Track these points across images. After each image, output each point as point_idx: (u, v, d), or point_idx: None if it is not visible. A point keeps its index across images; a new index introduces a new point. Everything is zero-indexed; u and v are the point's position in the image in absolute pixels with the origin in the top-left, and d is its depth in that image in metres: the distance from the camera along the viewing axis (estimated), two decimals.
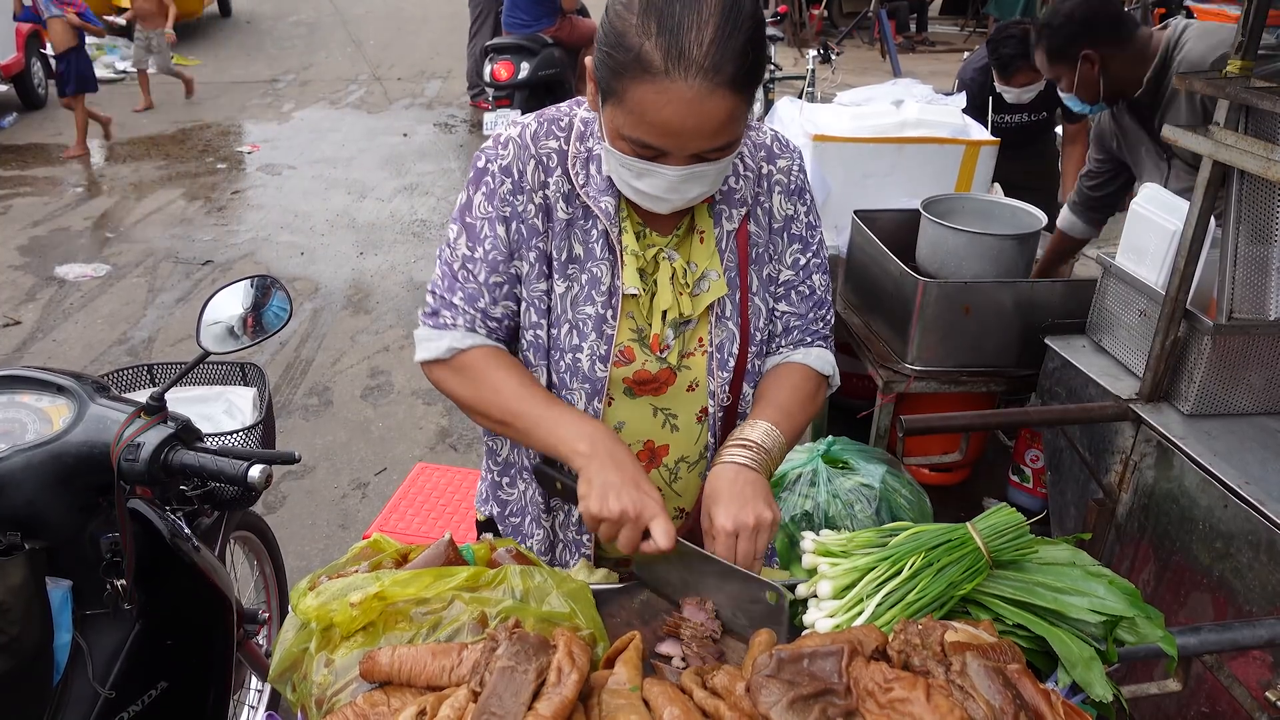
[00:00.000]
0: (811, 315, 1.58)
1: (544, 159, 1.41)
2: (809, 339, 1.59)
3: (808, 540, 1.39)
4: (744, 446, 1.41)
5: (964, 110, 3.85)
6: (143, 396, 1.57)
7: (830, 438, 2.85)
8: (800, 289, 1.56)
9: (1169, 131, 2.33)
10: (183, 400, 2.14)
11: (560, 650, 1.05)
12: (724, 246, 1.47)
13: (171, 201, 6.87)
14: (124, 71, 10.34)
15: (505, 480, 1.64)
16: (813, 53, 6.65)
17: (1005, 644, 1.14)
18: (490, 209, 1.41)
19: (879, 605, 1.25)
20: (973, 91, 4.23)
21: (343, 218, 6.71)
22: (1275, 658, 2.04)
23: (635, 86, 1.19)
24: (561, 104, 1.48)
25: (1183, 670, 1.51)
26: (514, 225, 1.41)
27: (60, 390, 1.58)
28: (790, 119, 3.87)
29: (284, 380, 4.64)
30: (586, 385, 1.45)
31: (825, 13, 12.95)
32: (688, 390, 1.50)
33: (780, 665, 1.05)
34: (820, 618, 1.26)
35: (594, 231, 1.42)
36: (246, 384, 2.31)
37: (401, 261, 6.04)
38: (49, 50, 9.32)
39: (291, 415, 4.35)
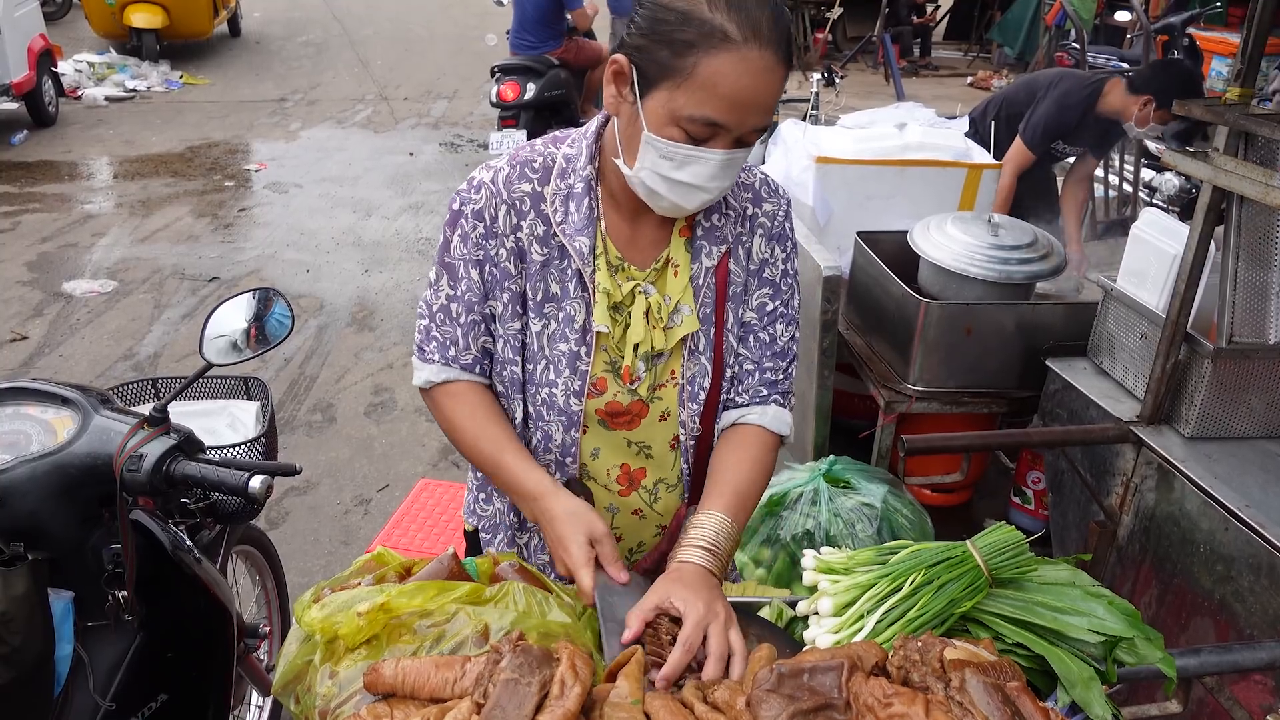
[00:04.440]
0: (770, 366, 1.54)
1: (516, 203, 1.42)
2: (766, 392, 1.55)
3: (809, 557, 1.39)
4: (705, 550, 1.36)
5: (1042, 142, 3.86)
6: (147, 410, 1.58)
7: (832, 457, 2.86)
8: (760, 335, 1.54)
9: (1168, 157, 2.34)
10: (186, 414, 2.15)
11: (563, 663, 1.06)
12: (700, 282, 1.47)
13: (179, 219, 6.91)
14: (133, 90, 10.43)
15: (482, 496, 1.68)
16: (817, 76, 6.69)
17: (1005, 662, 1.14)
18: (465, 251, 1.44)
19: (879, 622, 1.25)
20: (1063, 116, 4.13)
21: (348, 236, 6.74)
22: (1277, 681, 2.03)
23: (711, 59, 1.21)
24: (537, 142, 1.48)
25: (1183, 692, 1.51)
26: (487, 267, 1.44)
27: (65, 402, 1.59)
28: (794, 141, 3.89)
29: (288, 396, 4.65)
30: (563, 418, 1.48)
31: (830, 37, 13.04)
32: (660, 420, 1.52)
33: (781, 680, 1.05)
34: (821, 634, 1.26)
35: (569, 271, 1.43)
36: (250, 398, 2.32)
37: (406, 279, 6.06)
38: (60, 68, 9.42)
39: (295, 431, 4.36)
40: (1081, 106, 4.01)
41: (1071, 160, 4.40)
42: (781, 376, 1.56)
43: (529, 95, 6.93)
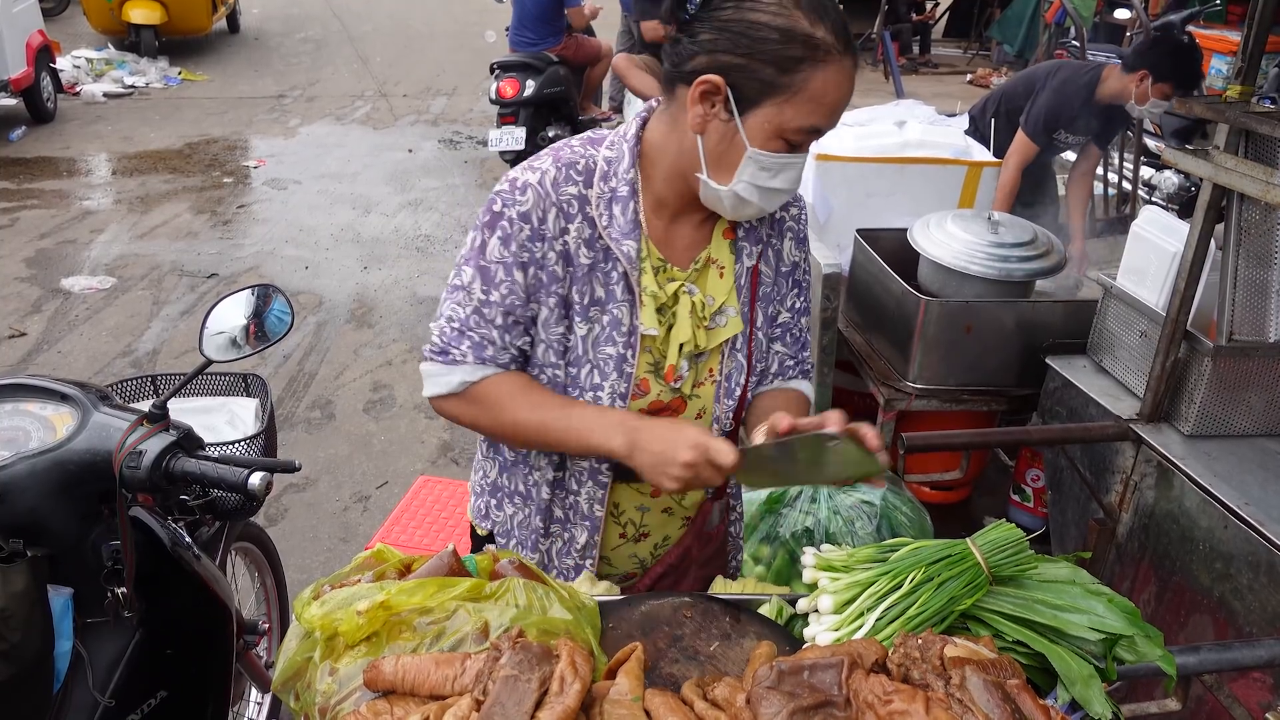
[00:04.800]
0: (800, 356, 1.67)
1: (564, 206, 1.41)
2: (796, 374, 1.67)
3: (809, 555, 1.40)
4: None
5: (1043, 133, 3.88)
6: (146, 407, 1.58)
7: None
8: (793, 330, 1.65)
9: (1168, 154, 2.34)
10: (185, 410, 2.15)
11: (563, 659, 1.06)
12: (742, 283, 1.53)
13: (177, 215, 6.90)
14: (132, 86, 10.42)
15: (494, 502, 1.66)
16: None
17: (1005, 660, 1.14)
18: (507, 254, 1.40)
19: (879, 619, 1.25)
20: (1063, 105, 4.10)
21: (347, 232, 6.74)
22: (1276, 678, 2.04)
23: (818, 72, 1.27)
24: (573, 143, 1.46)
25: (1182, 690, 1.51)
26: (531, 270, 1.41)
27: (64, 399, 1.59)
28: None
29: (287, 393, 4.65)
30: None
31: None
32: (695, 417, 1.55)
33: (781, 677, 1.05)
34: (821, 631, 1.27)
35: (614, 274, 1.43)
36: (249, 395, 2.32)
37: (405, 276, 6.06)
38: (59, 64, 9.41)
39: (294, 428, 4.36)
40: (1081, 94, 4.01)
41: (1073, 153, 4.41)
42: (806, 362, 1.69)
43: (528, 92, 6.93)
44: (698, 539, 1.69)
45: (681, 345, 1.47)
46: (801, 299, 1.64)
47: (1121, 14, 9.52)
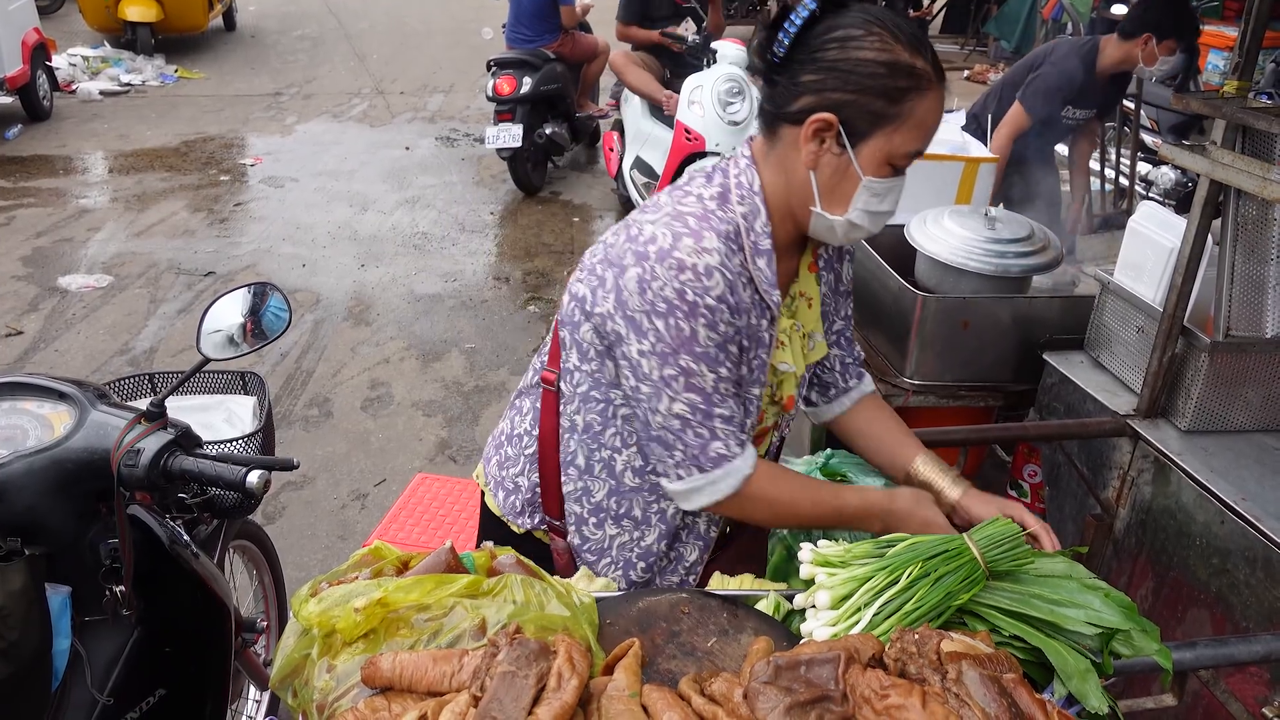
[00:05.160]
0: (855, 354, 1.83)
1: (739, 276, 1.45)
2: (855, 372, 1.84)
3: (806, 551, 1.40)
4: (953, 479, 1.68)
5: (1043, 111, 3.91)
6: (144, 405, 1.58)
7: (829, 450, 2.85)
8: (845, 334, 1.80)
9: (1165, 149, 2.35)
10: (183, 409, 2.15)
11: (560, 656, 1.06)
12: (825, 309, 1.69)
13: (174, 213, 6.90)
14: (128, 84, 10.40)
15: (593, 520, 1.66)
16: None
17: (1001, 654, 1.15)
18: (717, 335, 1.43)
19: (876, 615, 1.26)
20: (1062, 78, 4.09)
21: (344, 230, 6.73)
22: (1272, 673, 2.04)
23: (922, 101, 1.37)
24: (709, 205, 1.46)
25: (1178, 685, 1.51)
26: (733, 345, 1.47)
27: (61, 397, 1.59)
28: None
29: (284, 391, 4.65)
30: None
31: None
32: (770, 429, 1.69)
33: (777, 672, 1.05)
34: (818, 627, 1.27)
35: (764, 322, 1.52)
36: (247, 393, 2.32)
37: (402, 274, 6.05)
38: (55, 62, 9.39)
39: (292, 426, 4.36)
40: (1082, 67, 4.04)
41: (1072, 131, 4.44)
42: (858, 355, 1.85)
43: (525, 89, 6.92)
44: (753, 537, 1.84)
45: (797, 375, 1.62)
46: (851, 306, 1.80)
47: (1118, 9, 9.51)
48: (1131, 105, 5.33)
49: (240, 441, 2.01)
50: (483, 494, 1.80)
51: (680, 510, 1.62)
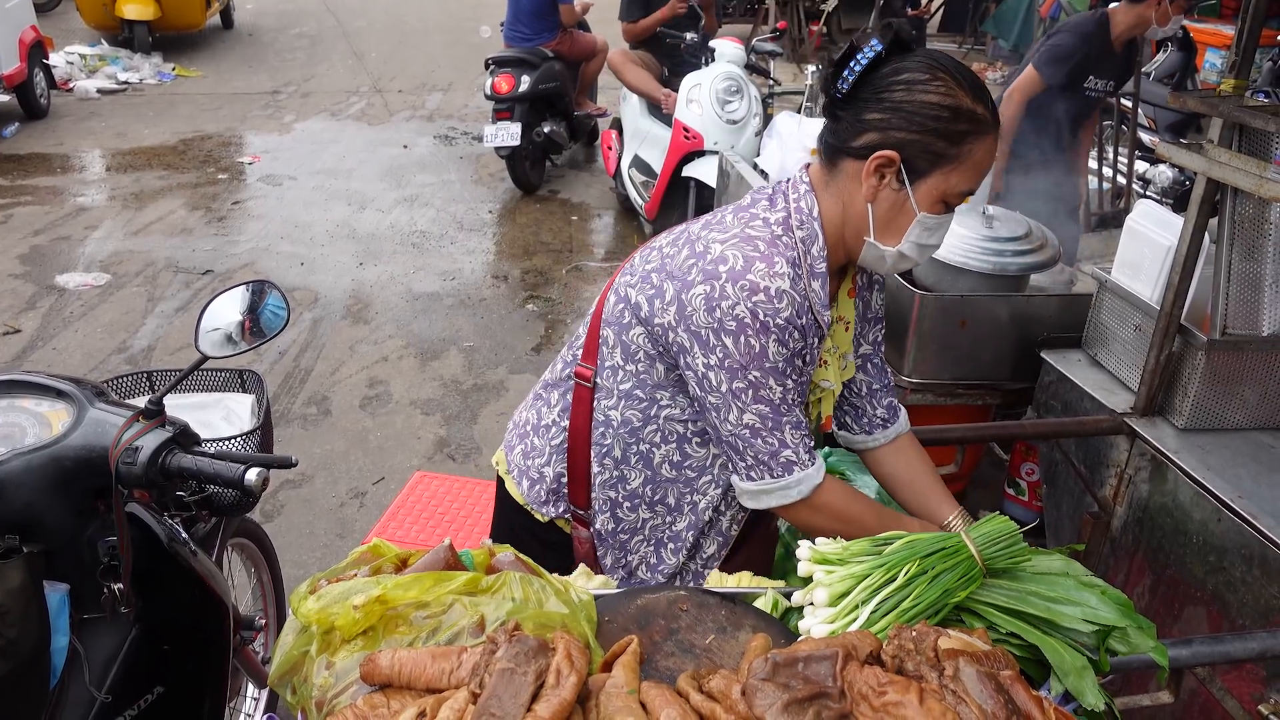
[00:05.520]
0: (884, 381, 1.84)
1: (804, 299, 1.51)
2: (894, 402, 1.86)
3: (804, 548, 1.40)
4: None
5: (1057, 76, 3.97)
6: (142, 403, 1.58)
7: (827, 449, 2.86)
8: (874, 359, 1.82)
9: (1163, 149, 2.35)
10: (181, 407, 2.14)
11: (559, 653, 1.06)
12: (857, 332, 1.74)
13: (172, 211, 6.89)
14: (126, 82, 10.38)
15: (627, 504, 1.72)
16: (812, 68, 6.70)
17: (999, 651, 1.15)
18: (786, 350, 1.49)
19: (874, 612, 1.26)
20: (1075, 43, 4.13)
21: (342, 228, 6.73)
22: (1268, 671, 2.05)
23: (980, 144, 1.45)
24: (775, 230, 1.52)
25: (1174, 682, 1.52)
26: (803, 356, 1.54)
27: (59, 395, 1.58)
28: (789, 133, 3.89)
29: (283, 389, 4.65)
30: None
31: (824, 29, 13.01)
32: None
33: (775, 669, 1.06)
34: (816, 624, 1.27)
35: (816, 340, 1.56)
36: (245, 391, 2.32)
37: (401, 272, 6.05)
38: (52, 60, 9.37)
39: (290, 424, 4.36)
40: (1097, 33, 4.06)
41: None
42: (888, 383, 1.87)
43: (524, 88, 6.92)
44: (762, 540, 1.91)
45: (835, 395, 1.70)
46: (882, 331, 1.83)
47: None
48: (1129, 104, 5.34)
49: (238, 439, 2.01)
50: (501, 481, 1.85)
51: (711, 508, 1.69)
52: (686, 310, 1.48)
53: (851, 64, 1.44)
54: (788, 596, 1.40)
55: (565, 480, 1.73)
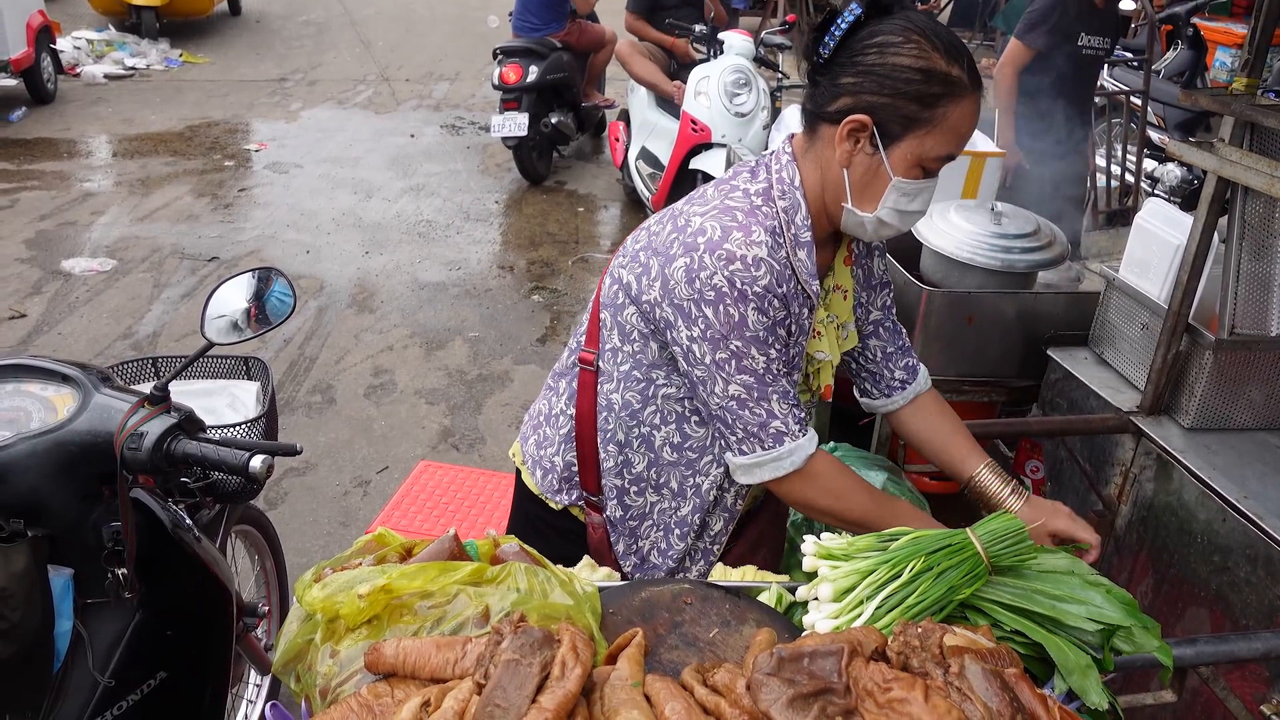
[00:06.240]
0: (902, 344, 1.85)
1: (784, 268, 1.51)
2: (913, 363, 1.86)
3: (809, 544, 1.40)
4: (1013, 488, 1.76)
5: (1040, 39, 4.00)
6: (147, 389, 1.58)
7: (832, 444, 2.86)
8: (886, 324, 1.82)
9: (1172, 147, 2.34)
10: (187, 394, 2.15)
11: (564, 644, 1.06)
12: (857, 301, 1.73)
13: (178, 198, 6.89)
14: (133, 68, 10.38)
15: (634, 489, 1.73)
16: None
17: (1003, 649, 1.15)
18: (766, 319, 1.49)
19: (878, 608, 1.26)
20: (1050, 6, 4.18)
21: (349, 217, 6.73)
22: (1271, 671, 2.04)
23: (955, 106, 1.41)
24: (755, 201, 1.52)
25: (1178, 681, 1.52)
26: (781, 330, 1.53)
27: (65, 379, 1.59)
28: (797, 127, 3.88)
29: (288, 377, 4.65)
30: None
31: None
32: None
33: (780, 664, 1.05)
34: (820, 619, 1.27)
35: (805, 310, 1.56)
36: (250, 378, 2.32)
37: (406, 261, 6.05)
38: (59, 45, 9.36)
39: (295, 412, 4.36)
40: None
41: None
42: (904, 344, 1.86)
43: (531, 78, 6.90)
44: (771, 519, 1.89)
45: (832, 364, 1.68)
46: (890, 295, 1.83)
47: (1126, 5, 9.49)
48: (1139, 101, 5.32)
49: (243, 426, 2.01)
50: (519, 473, 1.87)
51: (714, 488, 1.69)
52: (670, 284, 1.49)
53: (832, 29, 1.44)
54: (792, 591, 1.40)
55: (576, 468, 1.75)
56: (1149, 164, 5.90)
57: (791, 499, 1.61)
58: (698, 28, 6.46)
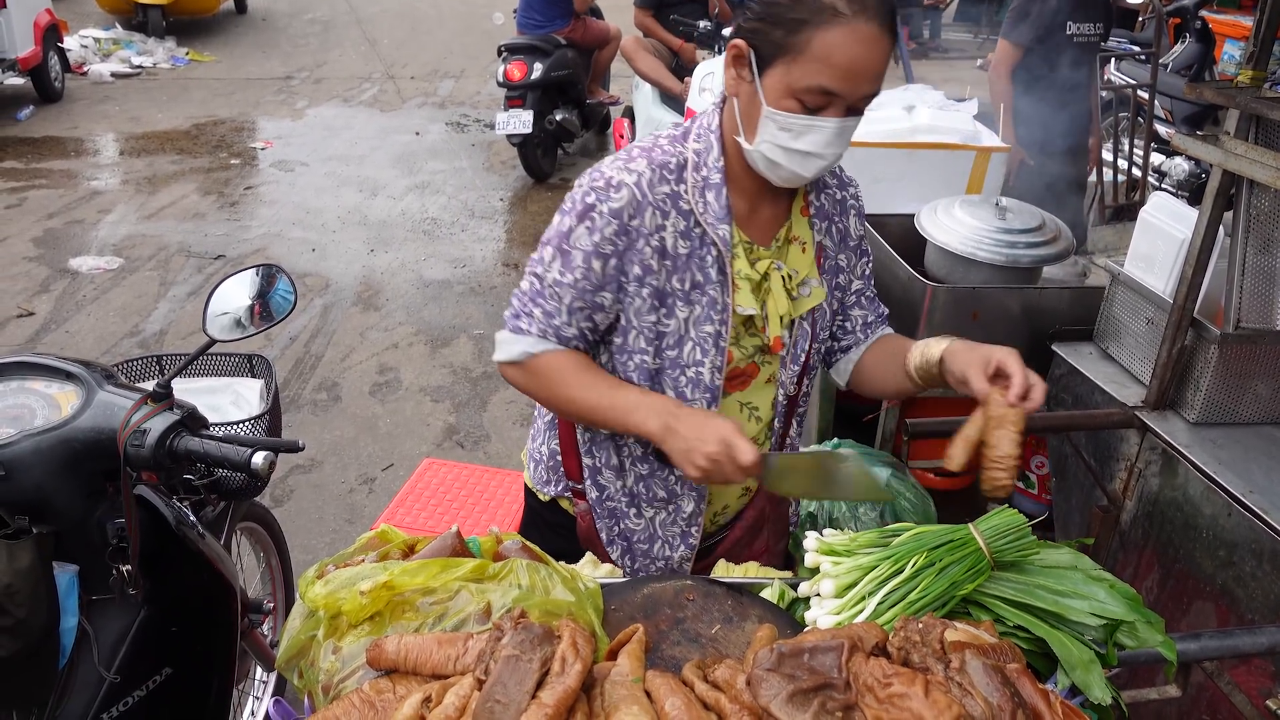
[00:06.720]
0: (879, 312, 1.84)
1: (660, 204, 1.49)
2: (879, 327, 1.83)
3: (811, 539, 1.40)
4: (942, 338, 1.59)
5: (1025, 34, 3.98)
6: (151, 386, 1.58)
7: (836, 440, 2.86)
8: (867, 294, 1.80)
9: (1178, 141, 2.33)
10: (190, 391, 2.15)
11: (565, 640, 1.06)
12: (831, 263, 1.67)
13: (185, 196, 6.91)
14: (139, 66, 10.40)
15: (606, 469, 1.71)
16: None
17: (1005, 644, 1.15)
18: (590, 244, 1.48)
19: (880, 603, 1.25)
20: (1026, 7, 4.17)
21: (354, 215, 6.74)
22: (1276, 666, 2.04)
23: (823, 33, 1.34)
24: (661, 142, 1.54)
25: (1182, 676, 1.51)
26: (612, 262, 1.49)
27: (69, 377, 1.59)
28: None
29: (293, 375, 4.66)
30: (707, 394, 1.58)
31: None
32: (766, 382, 1.66)
33: (781, 659, 1.05)
34: (822, 615, 1.27)
35: (709, 258, 1.52)
36: (254, 376, 2.33)
37: (412, 259, 6.06)
38: (66, 44, 9.39)
39: (300, 410, 4.37)
40: None
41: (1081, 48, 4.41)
42: (882, 313, 1.85)
43: (536, 75, 6.90)
44: (770, 499, 1.81)
45: (781, 317, 1.58)
46: (870, 264, 1.80)
47: None
48: (1145, 95, 5.29)
49: (247, 424, 2.02)
50: (526, 470, 1.88)
51: (648, 460, 1.67)
52: None
53: None
54: (794, 587, 1.40)
55: (560, 456, 1.75)
56: (1156, 158, 5.87)
57: (513, 385, 1.61)
58: (702, 24, 6.45)
